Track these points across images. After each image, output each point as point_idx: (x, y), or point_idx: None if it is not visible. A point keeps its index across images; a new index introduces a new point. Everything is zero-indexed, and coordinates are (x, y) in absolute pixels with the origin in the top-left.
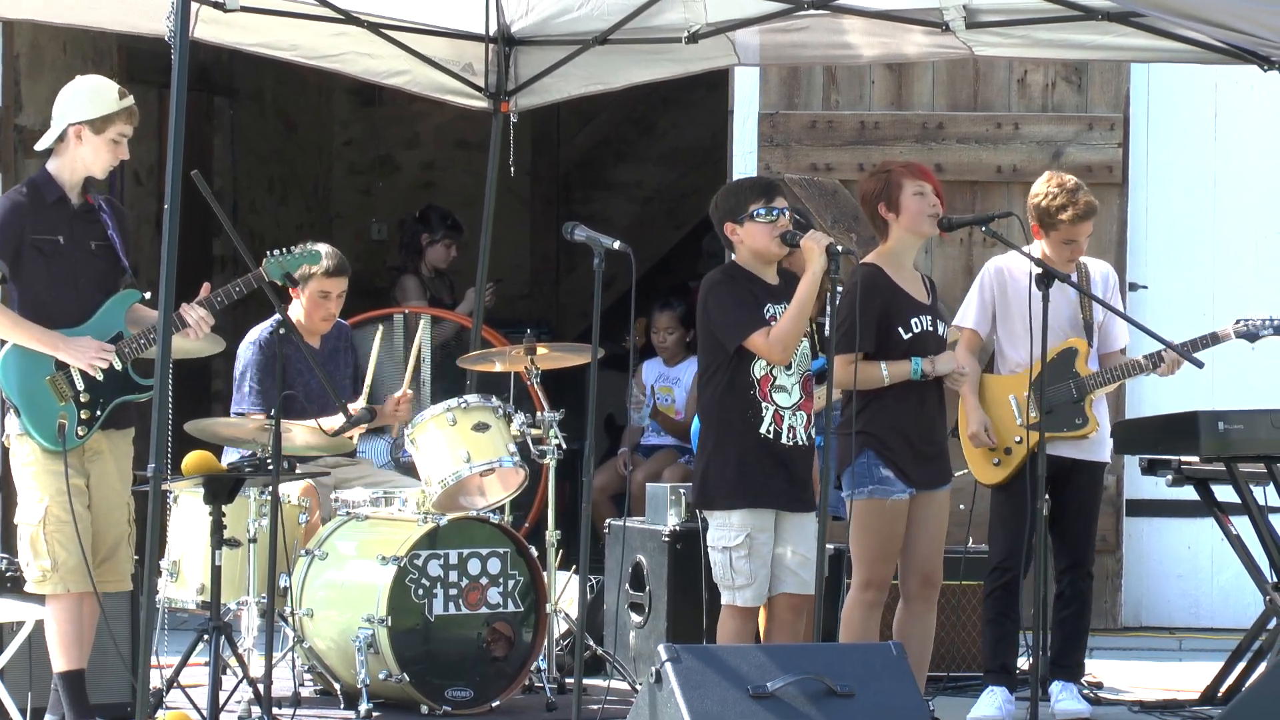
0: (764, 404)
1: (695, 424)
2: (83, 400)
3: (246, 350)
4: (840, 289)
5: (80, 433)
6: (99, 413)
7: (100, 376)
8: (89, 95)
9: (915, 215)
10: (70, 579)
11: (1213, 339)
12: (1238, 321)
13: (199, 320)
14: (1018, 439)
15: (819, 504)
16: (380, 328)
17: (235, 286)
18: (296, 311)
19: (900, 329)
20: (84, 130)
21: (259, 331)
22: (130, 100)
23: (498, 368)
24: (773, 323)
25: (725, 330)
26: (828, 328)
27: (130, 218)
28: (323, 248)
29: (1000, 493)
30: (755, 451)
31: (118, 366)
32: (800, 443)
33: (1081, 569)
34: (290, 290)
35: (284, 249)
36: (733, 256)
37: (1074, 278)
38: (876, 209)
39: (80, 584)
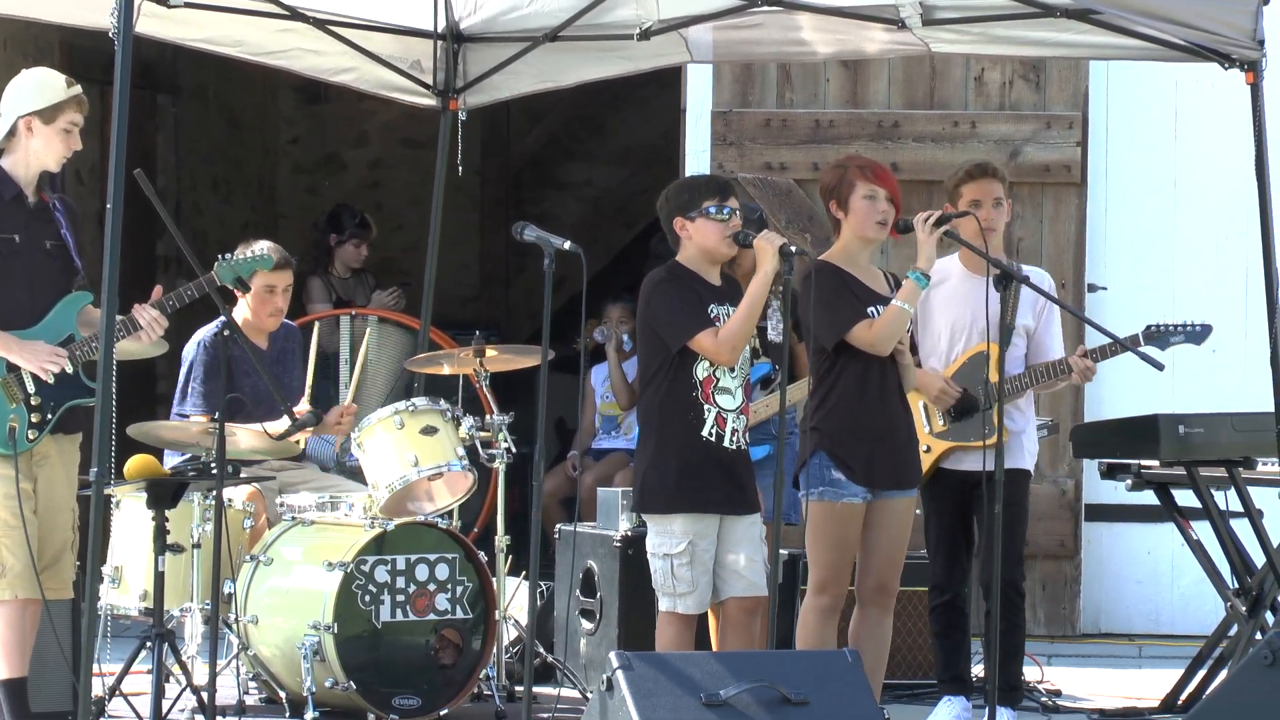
0: (706, 406)
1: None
2: (33, 403)
3: (191, 350)
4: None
5: (31, 436)
6: (49, 416)
7: (51, 380)
8: (36, 86)
9: (862, 219)
10: (19, 584)
11: (1120, 346)
12: (1148, 327)
13: (151, 322)
14: (925, 448)
15: (774, 508)
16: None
17: (186, 290)
18: (242, 311)
19: None
20: (34, 121)
21: (205, 332)
22: (78, 89)
23: (446, 370)
24: (717, 324)
25: (670, 330)
26: (770, 331)
27: (81, 216)
28: (264, 244)
29: (930, 512)
30: (697, 455)
31: (69, 370)
32: (742, 445)
33: (1009, 585)
34: (234, 291)
35: (236, 253)
36: (676, 256)
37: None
38: (829, 206)
39: (29, 590)
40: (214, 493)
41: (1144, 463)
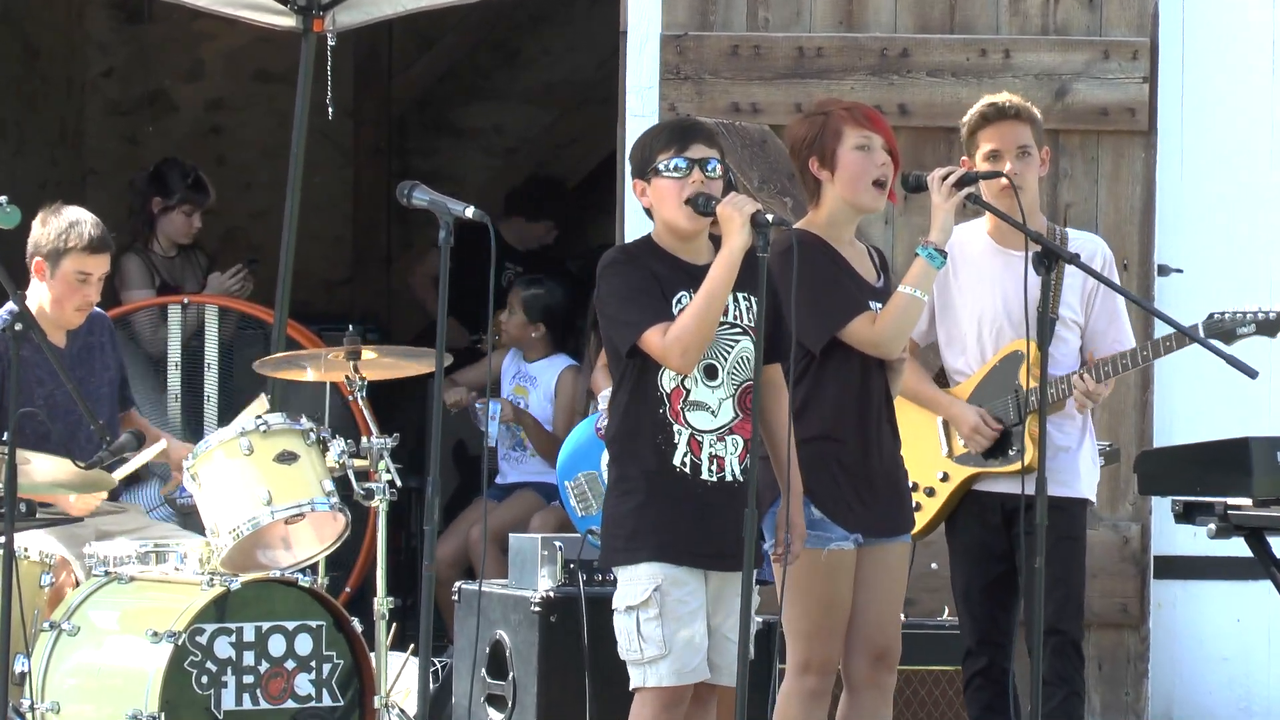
0: (676, 427)
1: (564, 451)
2: None
3: None
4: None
5: None
6: None
7: None
8: None
9: (854, 177)
10: None
11: (1176, 340)
12: (1210, 317)
13: None
14: (942, 475)
15: (744, 560)
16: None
17: None
18: (40, 297)
19: None
20: None
21: None
22: None
23: (309, 377)
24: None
25: (616, 329)
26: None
27: None
28: (76, 212)
29: (958, 553)
30: (666, 489)
31: None
32: (730, 478)
33: (1063, 638)
34: (34, 271)
35: None
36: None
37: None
38: (807, 163)
39: None
40: (1, 540)
41: (1231, 501)
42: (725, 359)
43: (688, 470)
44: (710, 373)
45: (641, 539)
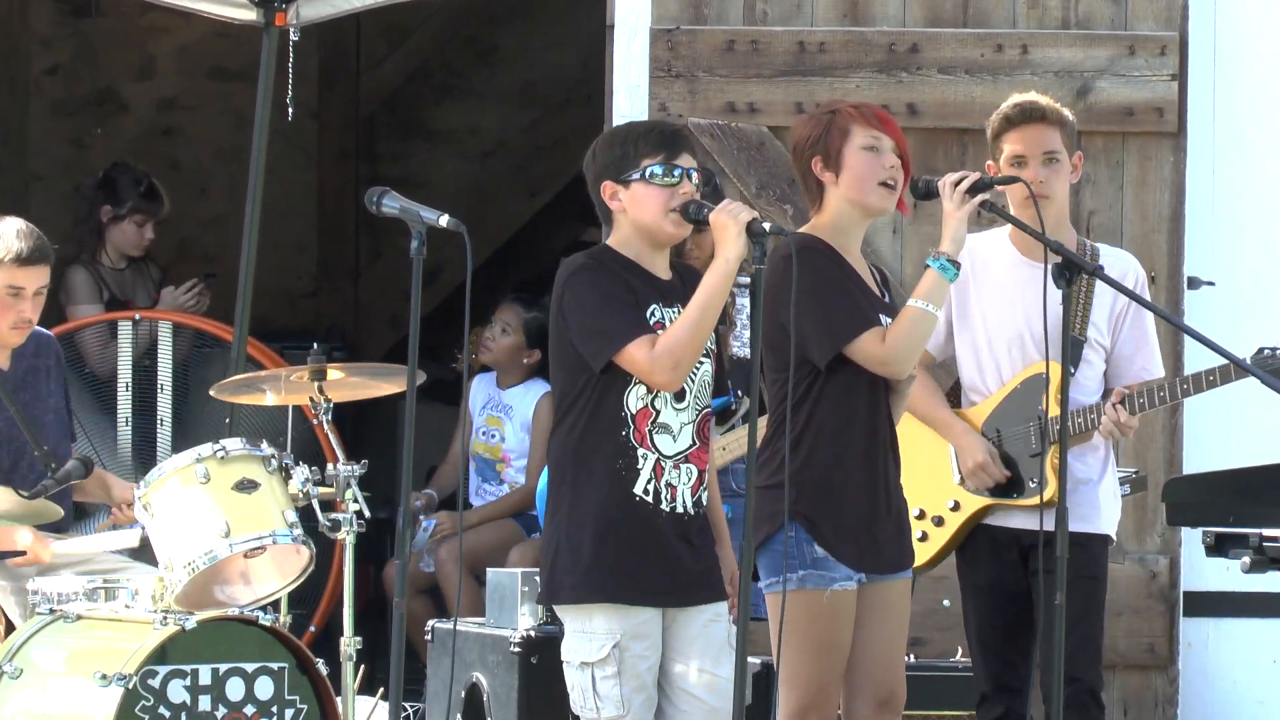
0: (641, 451)
1: (542, 486)
2: None
3: None
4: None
5: None
6: None
7: None
8: None
9: (861, 179)
10: None
11: (1220, 375)
12: (1259, 351)
13: None
14: (953, 504)
15: (740, 595)
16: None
17: None
18: None
19: None
20: None
21: None
22: None
23: (270, 400)
24: (660, 330)
25: (589, 339)
26: (733, 342)
27: None
28: (6, 223)
29: (969, 591)
30: (625, 520)
31: None
32: (681, 509)
33: (1079, 685)
34: None
35: None
36: (607, 239)
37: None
38: (810, 165)
39: None
40: None
41: (1267, 532)
42: (691, 382)
43: (649, 499)
44: (678, 394)
45: (597, 576)
